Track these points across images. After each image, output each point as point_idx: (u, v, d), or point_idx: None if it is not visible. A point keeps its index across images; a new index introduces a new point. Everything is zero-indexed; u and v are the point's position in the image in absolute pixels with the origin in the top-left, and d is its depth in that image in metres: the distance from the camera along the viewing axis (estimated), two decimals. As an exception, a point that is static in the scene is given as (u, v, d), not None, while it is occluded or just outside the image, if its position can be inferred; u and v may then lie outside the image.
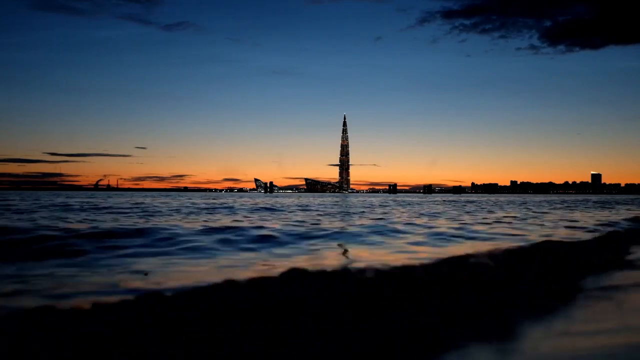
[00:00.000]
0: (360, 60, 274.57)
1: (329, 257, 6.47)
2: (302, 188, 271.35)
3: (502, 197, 78.60)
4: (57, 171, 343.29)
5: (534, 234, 9.70)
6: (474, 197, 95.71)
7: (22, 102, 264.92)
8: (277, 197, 77.39)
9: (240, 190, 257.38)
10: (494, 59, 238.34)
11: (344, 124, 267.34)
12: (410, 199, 62.04)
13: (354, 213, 18.26)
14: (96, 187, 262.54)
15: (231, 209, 19.83)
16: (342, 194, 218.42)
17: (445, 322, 3.26)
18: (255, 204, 28.48)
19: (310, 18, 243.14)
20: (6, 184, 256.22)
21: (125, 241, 7.06)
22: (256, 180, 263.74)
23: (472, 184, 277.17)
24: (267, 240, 7.71)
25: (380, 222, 12.10)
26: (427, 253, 6.68)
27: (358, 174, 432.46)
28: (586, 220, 14.26)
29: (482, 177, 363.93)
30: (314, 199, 50.18)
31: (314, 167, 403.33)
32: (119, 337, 2.51)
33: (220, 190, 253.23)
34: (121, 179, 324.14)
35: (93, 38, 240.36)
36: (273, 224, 10.79)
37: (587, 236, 8.82)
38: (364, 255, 6.71)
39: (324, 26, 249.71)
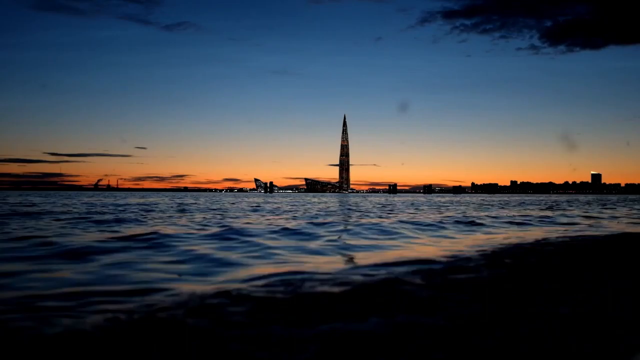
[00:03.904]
0: (360, 60, 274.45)
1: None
2: (302, 188, 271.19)
3: (506, 197, 78.33)
4: (57, 171, 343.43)
5: None
6: (475, 197, 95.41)
7: (22, 102, 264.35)
8: (275, 196, 77.17)
9: (241, 190, 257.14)
10: (495, 59, 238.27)
11: (344, 124, 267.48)
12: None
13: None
14: (96, 187, 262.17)
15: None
16: (342, 193, 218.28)
17: None
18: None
19: (310, 18, 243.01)
20: (6, 184, 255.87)
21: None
22: (256, 180, 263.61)
23: (472, 184, 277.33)
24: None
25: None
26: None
27: (358, 174, 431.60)
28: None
29: (482, 177, 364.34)
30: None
31: (314, 167, 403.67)
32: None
33: (220, 190, 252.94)
34: (121, 179, 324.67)
35: (93, 38, 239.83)
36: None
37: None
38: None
39: (324, 26, 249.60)
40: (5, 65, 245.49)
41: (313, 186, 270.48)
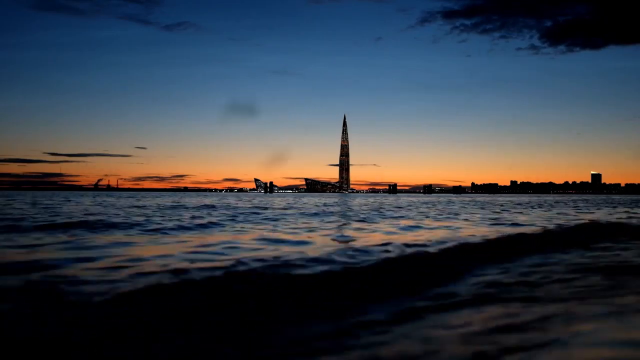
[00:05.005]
0: (360, 60, 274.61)
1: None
2: (302, 188, 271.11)
3: (503, 198, 78.39)
4: (57, 171, 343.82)
5: None
6: (478, 197, 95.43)
7: (22, 102, 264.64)
8: (276, 196, 77.14)
9: (240, 190, 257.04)
10: (495, 59, 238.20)
11: (344, 124, 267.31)
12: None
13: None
14: (96, 187, 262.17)
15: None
16: (342, 194, 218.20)
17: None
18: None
19: (310, 18, 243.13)
20: (6, 184, 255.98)
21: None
22: (256, 180, 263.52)
23: (472, 184, 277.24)
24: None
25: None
26: None
27: (358, 174, 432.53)
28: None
29: (482, 177, 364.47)
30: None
31: (314, 167, 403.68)
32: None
33: (221, 190, 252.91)
34: (121, 179, 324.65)
35: (93, 38, 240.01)
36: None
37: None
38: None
39: (324, 26, 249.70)
40: (5, 65, 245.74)
41: (313, 186, 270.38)
